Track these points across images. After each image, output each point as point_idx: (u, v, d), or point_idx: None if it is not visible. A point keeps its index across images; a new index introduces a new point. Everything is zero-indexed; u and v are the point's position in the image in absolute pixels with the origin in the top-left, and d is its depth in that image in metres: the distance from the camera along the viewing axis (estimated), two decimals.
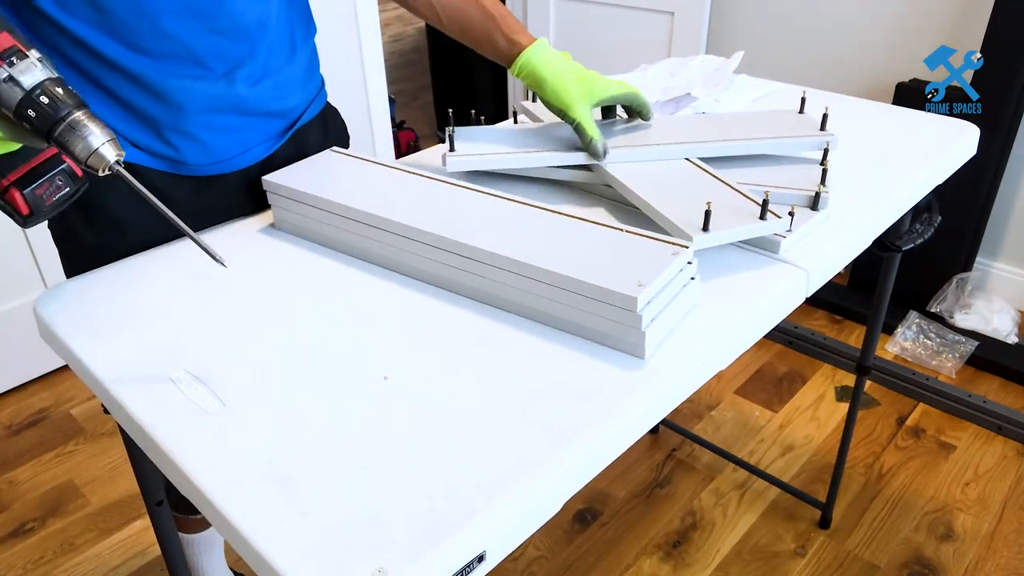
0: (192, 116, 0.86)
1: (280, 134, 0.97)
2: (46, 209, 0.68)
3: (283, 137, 0.97)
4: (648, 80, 1.19)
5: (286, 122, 0.97)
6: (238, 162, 0.93)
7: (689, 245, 0.72)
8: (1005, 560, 1.48)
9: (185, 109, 0.85)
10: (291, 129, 0.98)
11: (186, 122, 0.86)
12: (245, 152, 0.93)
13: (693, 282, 0.72)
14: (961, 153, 1.09)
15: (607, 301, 0.66)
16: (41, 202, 0.67)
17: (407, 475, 0.57)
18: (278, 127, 0.96)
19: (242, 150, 0.93)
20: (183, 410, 0.64)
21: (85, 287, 0.82)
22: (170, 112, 0.85)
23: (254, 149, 0.94)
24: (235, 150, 0.92)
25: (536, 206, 0.80)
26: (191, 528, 1.27)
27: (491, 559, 0.54)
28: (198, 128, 0.87)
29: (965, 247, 2.07)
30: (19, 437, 1.87)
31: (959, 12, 1.99)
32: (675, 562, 1.50)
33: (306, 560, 0.50)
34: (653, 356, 0.68)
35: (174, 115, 0.85)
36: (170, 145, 0.87)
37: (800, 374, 1.99)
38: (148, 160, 0.87)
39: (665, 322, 0.69)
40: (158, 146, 0.87)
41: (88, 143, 0.59)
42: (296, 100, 0.97)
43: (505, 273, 0.73)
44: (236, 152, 0.92)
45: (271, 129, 0.95)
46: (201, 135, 0.88)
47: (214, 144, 0.89)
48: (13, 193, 0.66)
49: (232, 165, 0.92)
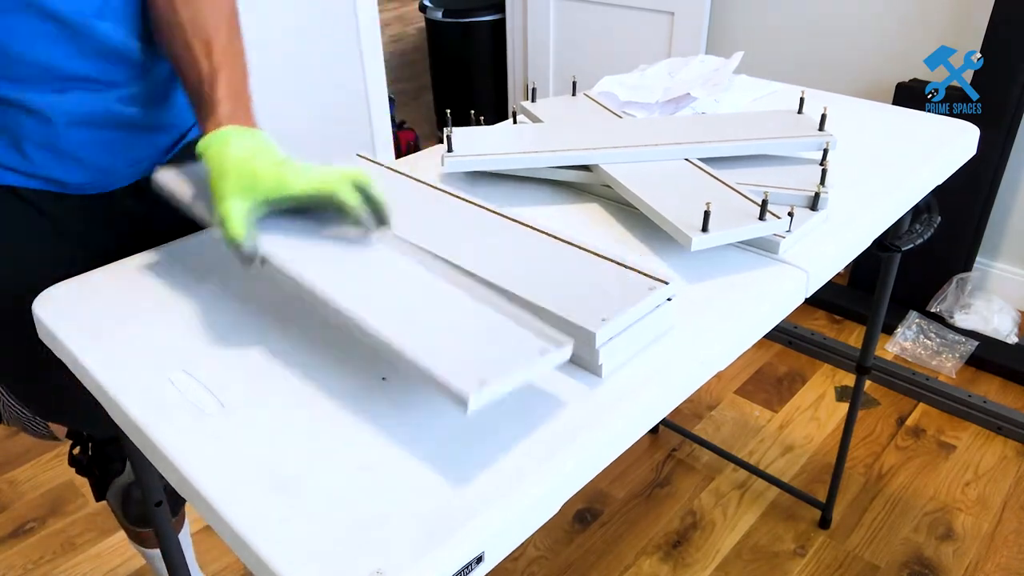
0: (62, 130, 0.81)
1: (166, 150, 0.93)
2: None
3: (171, 152, 0.93)
4: (648, 80, 1.19)
5: (171, 138, 0.93)
6: (123, 179, 0.89)
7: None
8: (1005, 560, 1.48)
9: (54, 123, 0.80)
10: (178, 145, 0.94)
11: (58, 138, 0.81)
12: (130, 167, 0.89)
13: (669, 304, 0.70)
14: (961, 153, 1.09)
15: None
16: None
17: (406, 476, 0.56)
18: (165, 142, 0.92)
19: (126, 165, 0.89)
20: (182, 411, 0.63)
21: (85, 287, 0.82)
22: (40, 127, 0.80)
23: (142, 163, 0.90)
24: (119, 165, 0.88)
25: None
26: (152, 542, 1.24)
27: (490, 560, 0.54)
28: (71, 145, 0.83)
29: (965, 247, 2.07)
30: (19, 437, 1.87)
31: (959, 12, 1.99)
32: (675, 562, 1.50)
33: (305, 561, 0.50)
34: (653, 356, 0.68)
35: (44, 130, 0.80)
36: (46, 163, 0.83)
37: (800, 374, 1.99)
38: (23, 180, 0.83)
39: (628, 347, 0.67)
40: (33, 165, 0.83)
41: None
42: (184, 115, 0.93)
43: None
44: (122, 166, 0.88)
45: (158, 143, 0.91)
46: (73, 151, 0.83)
47: (91, 159, 0.85)
48: None
49: (116, 183, 0.89)
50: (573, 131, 1.01)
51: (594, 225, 0.90)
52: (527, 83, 2.95)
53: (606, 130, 1.01)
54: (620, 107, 1.15)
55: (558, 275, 0.71)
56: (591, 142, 0.96)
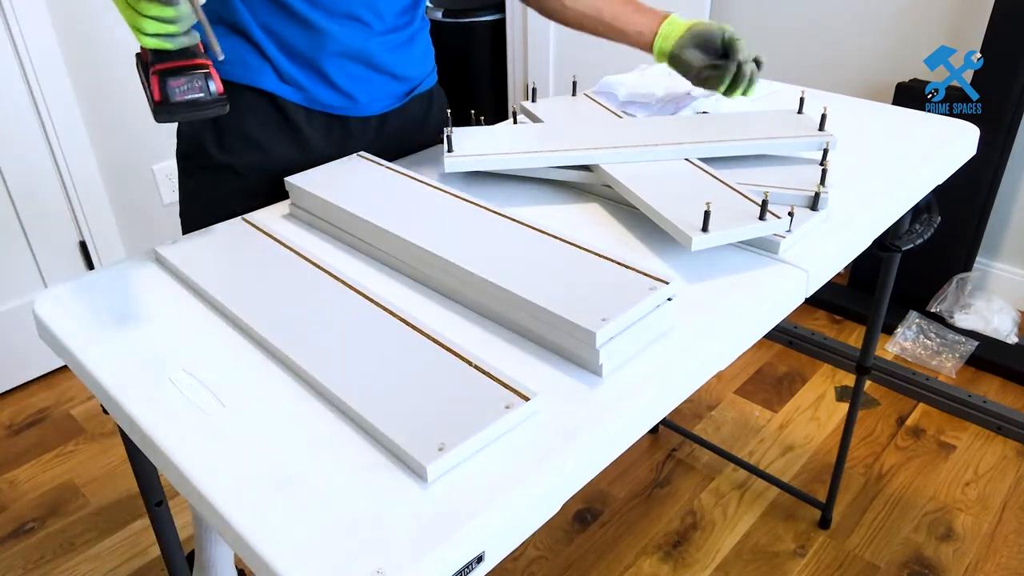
0: (329, 57, 0.97)
1: (401, 96, 1.08)
2: (174, 104, 0.73)
3: (403, 99, 1.08)
4: (648, 80, 1.19)
5: (406, 87, 1.08)
6: (363, 109, 1.04)
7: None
8: (1005, 560, 1.48)
9: (325, 49, 0.97)
10: (409, 95, 1.09)
11: (324, 61, 0.97)
12: (371, 102, 1.04)
13: (669, 304, 0.70)
14: (961, 153, 1.09)
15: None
16: (172, 93, 0.73)
17: (407, 476, 0.57)
18: (400, 89, 1.07)
19: (368, 100, 1.04)
20: (182, 411, 0.64)
21: (85, 287, 0.82)
22: (313, 48, 0.96)
23: (378, 102, 1.05)
24: (362, 98, 1.03)
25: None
26: None
27: (490, 560, 0.54)
28: (333, 70, 0.98)
29: (965, 247, 2.07)
30: (19, 437, 1.87)
31: (959, 12, 1.99)
32: (675, 562, 1.50)
33: (305, 561, 0.50)
34: (653, 356, 0.68)
35: (316, 51, 0.97)
36: (308, 78, 0.98)
37: (800, 374, 1.99)
38: (287, 92, 0.99)
39: (628, 347, 0.67)
40: (298, 77, 0.98)
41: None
42: (416, 72, 1.09)
43: (483, 291, 0.73)
44: (363, 100, 1.03)
45: (393, 90, 1.06)
46: (334, 77, 0.99)
47: (345, 87, 1.00)
48: (154, 77, 0.73)
49: (357, 111, 1.03)
50: (573, 131, 1.01)
51: (594, 225, 0.90)
52: (527, 83, 2.95)
53: (606, 130, 1.01)
54: (620, 107, 1.15)
55: (558, 275, 0.71)
56: (591, 142, 0.96)
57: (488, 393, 0.61)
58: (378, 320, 0.71)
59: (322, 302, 0.75)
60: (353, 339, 0.69)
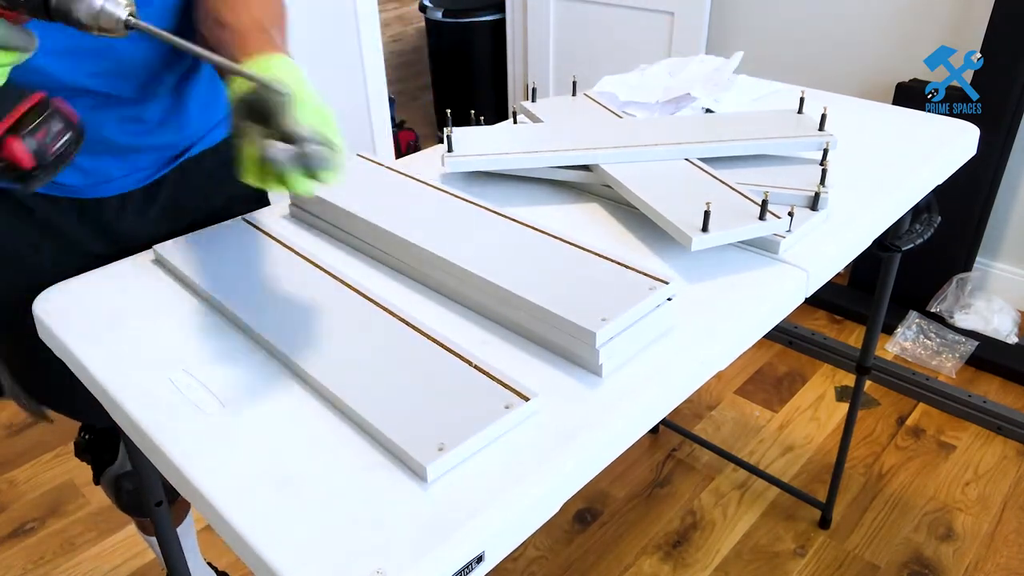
0: None
1: (169, 160, 0.93)
2: (50, 160, 0.60)
3: (172, 164, 0.93)
4: (648, 80, 1.19)
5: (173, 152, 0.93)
6: (119, 185, 0.89)
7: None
8: (1005, 560, 1.48)
9: None
10: (180, 158, 0.94)
11: None
12: (127, 176, 0.89)
13: (669, 304, 0.70)
14: (961, 153, 1.09)
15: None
16: (44, 150, 0.59)
17: (407, 476, 0.56)
18: (167, 155, 0.92)
19: (123, 174, 0.89)
20: (182, 411, 0.64)
21: (85, 287, 0.82)
22: None
23: (138, 173, 0.90)
24: (116, 173, 0.88)
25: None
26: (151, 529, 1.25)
27: (490, 560, 0.54)
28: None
29: (965, 247, 2.07)
30: (19, 437, 1.87)
31: (959, 12, 1.99)
32: (675, 562, 1.50)
33: (305, 561, 0.50)
34: (653, 356, 0.68)
35: None
36: None
37: (800, 374, 1.99)
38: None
39: (628, 347, 0.67)
40: None
41: (91, 3, 0.55)
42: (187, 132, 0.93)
43: (483, 291, 0.73)
44: (118, 175, 0.88)
45: (159, 157, 0.91)
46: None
47: (91, 167, 0.85)
48: (11, 143, 0.57)
49: (114, 188, 0.88)
50: (573, 131, 1.01)
51: (594, 225, 0.90)
52: (527, 83, 2.95)
53: (606, 130, 1.01)
54: (620, 107, 1.15)
55: (558, 275, 0.71)
56: (591, 142, 0.96)
57: (488, 393, 0.61)
58: (378, 320, 0.71)
59: (322, 302, 0.75)
60: (353, 339, 0.69)
